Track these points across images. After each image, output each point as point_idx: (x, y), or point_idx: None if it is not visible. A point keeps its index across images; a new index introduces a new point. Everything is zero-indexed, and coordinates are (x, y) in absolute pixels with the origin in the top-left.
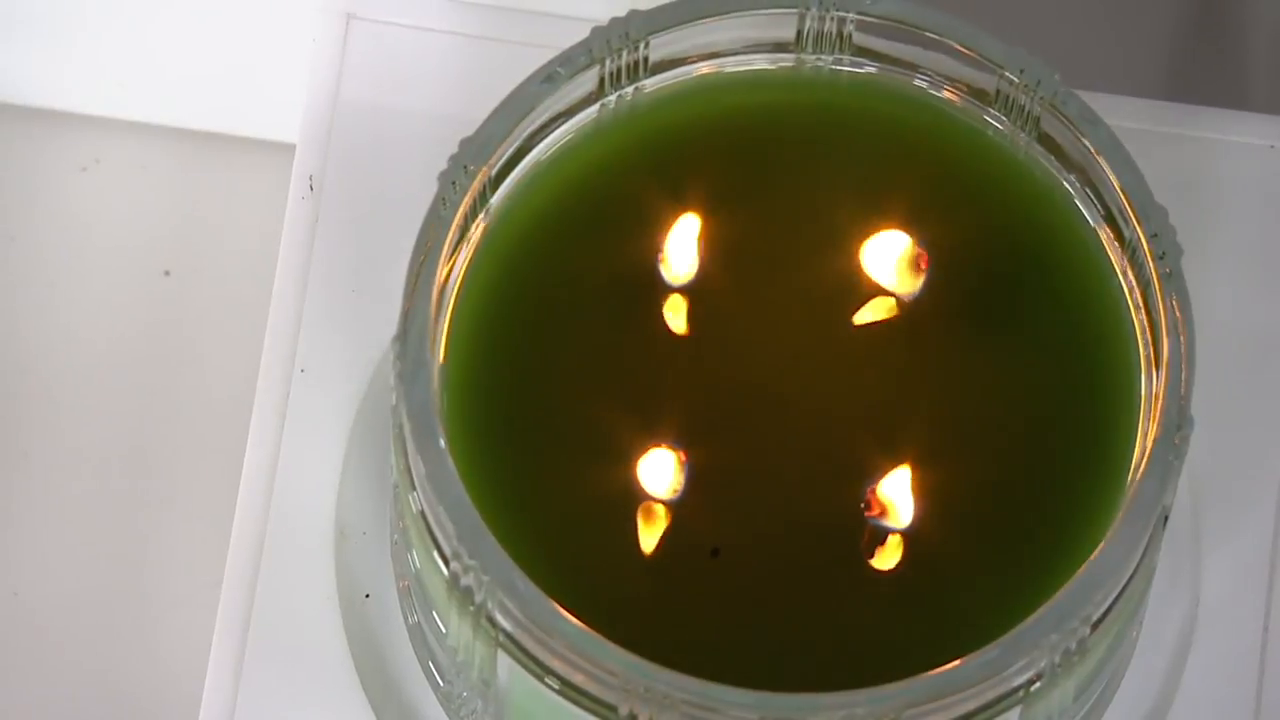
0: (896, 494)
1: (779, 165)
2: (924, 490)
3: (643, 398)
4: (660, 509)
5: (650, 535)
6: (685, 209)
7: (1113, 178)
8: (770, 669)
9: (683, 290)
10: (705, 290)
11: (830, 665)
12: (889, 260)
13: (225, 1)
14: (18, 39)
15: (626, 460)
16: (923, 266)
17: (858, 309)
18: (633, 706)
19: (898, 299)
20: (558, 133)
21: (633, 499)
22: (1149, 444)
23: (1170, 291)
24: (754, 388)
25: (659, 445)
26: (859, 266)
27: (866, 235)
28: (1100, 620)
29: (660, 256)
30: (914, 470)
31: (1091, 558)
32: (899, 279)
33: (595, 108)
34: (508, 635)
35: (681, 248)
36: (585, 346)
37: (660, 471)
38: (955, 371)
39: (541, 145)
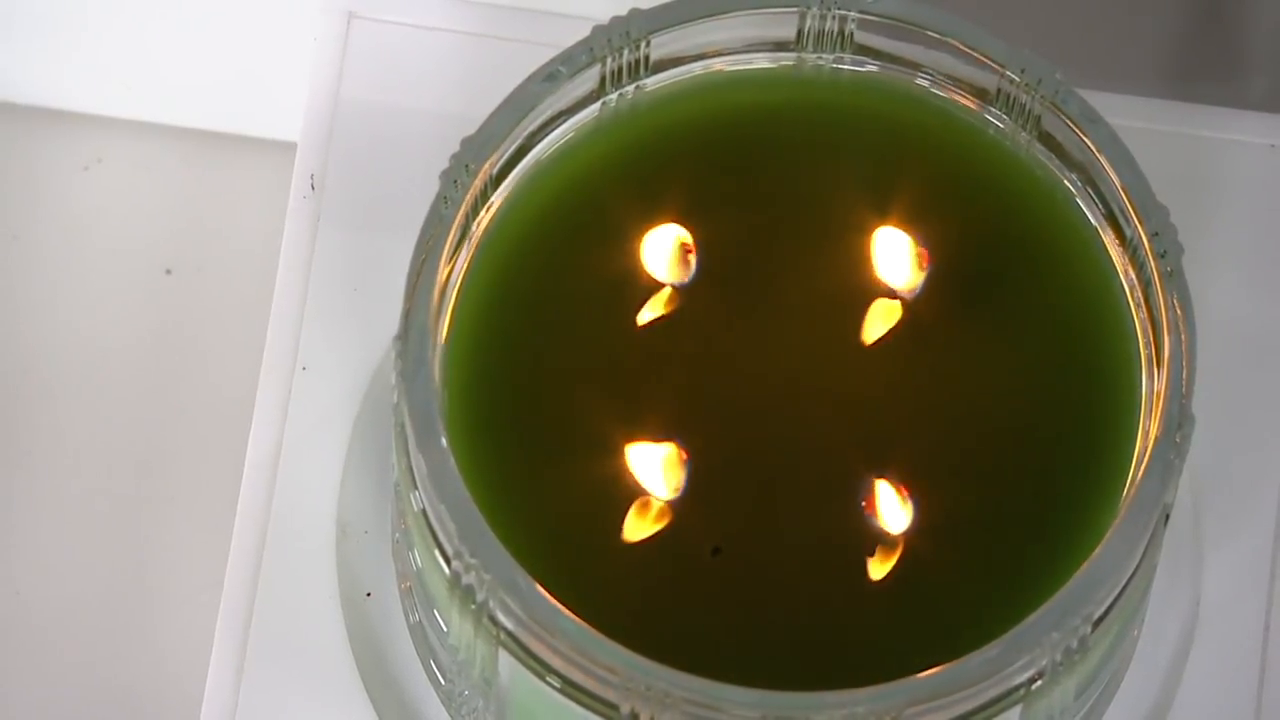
0: (897, 493)
1: (780, 164)
2: (925, 489)
3: (644, 397)
4: (661, 508)
5: (651, 534)
6: (686, 208)
7: (1114, 176)
8: (771, 667)
9: (684, 289)
10: (706, 289)
11: (831, 663)
12: (890, 259)
13: (227, 1)
14: (20, 38)
15: (628, 458)
16: (923, 265)
17: (858, 308)
18: (634, 705)
19: (898, 298)
20: (559, 131)
21: (634, 498)
22: (1150, 442)
23: (1171, 290)
24: (755, 386)
25: (660, 444)
26: (860, 265)
27: (867, 234)
28: (1101, 619)
29: (661, 255)
30: (916, 469)
31: (1093, 556)
32: (900, 278)
33: (596, 106)
34: (509, 634)
35: (681, 246)
36: (586, 345)
37: (661, 470)
38: (956, 370)
39: (543, 144)
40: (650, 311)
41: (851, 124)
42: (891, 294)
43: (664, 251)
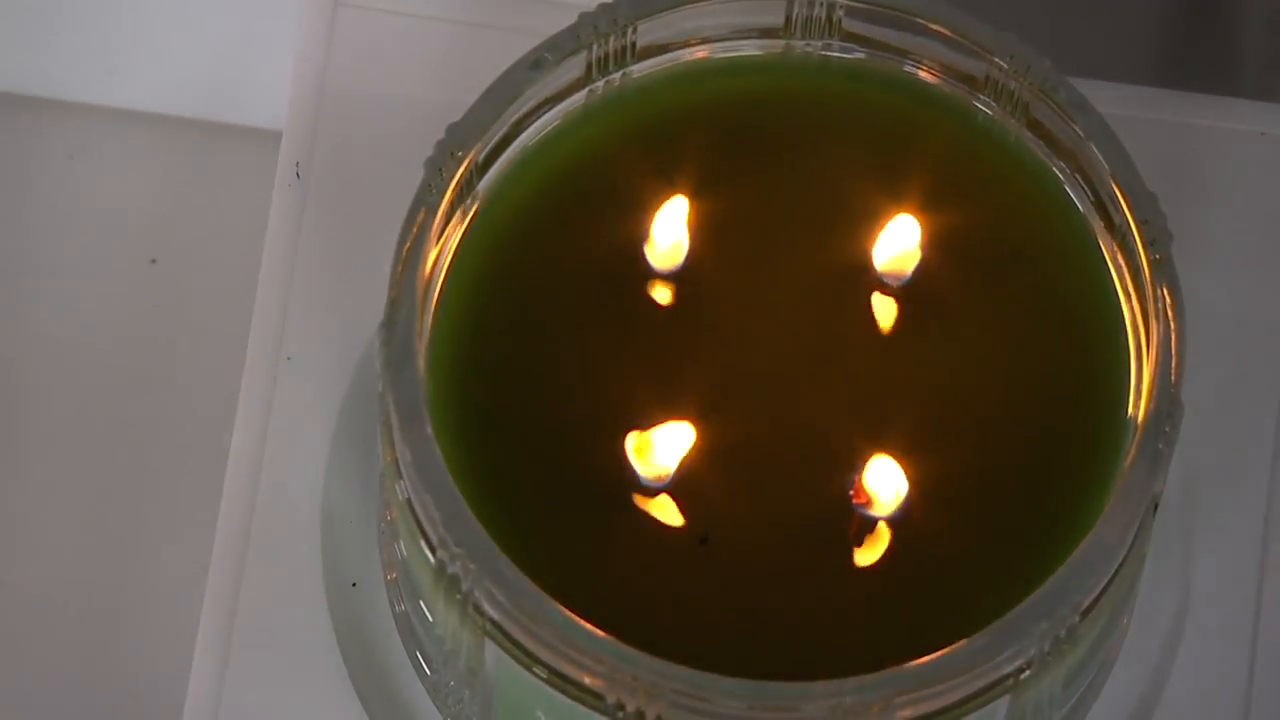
0: (886, 482)
1: (767, 151)
2: (913, 478)
3: (630, 385)
4: (648, 496)
5: (638, 523)
6: (673, 194)
7: (1103, 164)
8: (758, 657)
9: (671, 276)
10: (693, 276)
11: (819, 653)
12: (879, 246)
13: None
14: (3, 26)
15: (614, 447)
16: (913, 252)
17: (846, 295)
18: (620, 695)
19: (887, 285)
20: (545, 118)
21: (621, 486)
22: (1139, 431)
23: (1160, 278)
24: (743, 374)
25: (647, 433)
26: (848, 251)
27: (855, 221)
28: (1090, 608)
29: (648, 242)
30: (903, 458)
31: (1081, 545)
32: (888, 265)
33: (583, 93)
34: (494, 624)
35: (669, 233)
36: (572, 333)
37: (648, 459)
38: (944, 358)
39: (529, 131)
40: (638, 299)
41: (840, 111)
42: (880, 282)
43: (652, 239)
